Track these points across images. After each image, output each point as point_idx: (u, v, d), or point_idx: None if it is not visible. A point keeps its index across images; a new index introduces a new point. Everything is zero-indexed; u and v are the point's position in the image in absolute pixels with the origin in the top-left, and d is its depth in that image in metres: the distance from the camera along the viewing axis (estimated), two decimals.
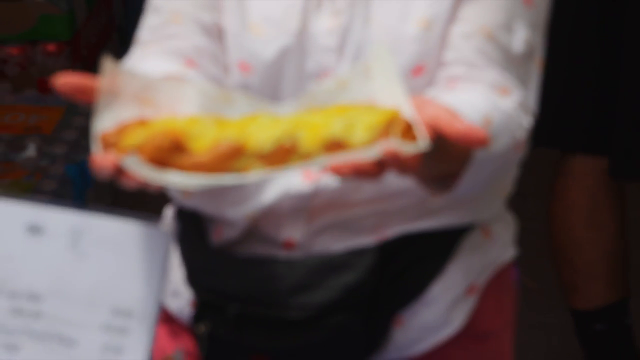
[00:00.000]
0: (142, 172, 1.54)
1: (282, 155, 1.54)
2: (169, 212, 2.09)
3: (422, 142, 1.51)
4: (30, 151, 4.31)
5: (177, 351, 1.95)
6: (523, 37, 1.94)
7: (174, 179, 1.54)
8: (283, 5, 1.93)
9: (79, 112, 4.52)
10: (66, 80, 1.62)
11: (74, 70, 4.69)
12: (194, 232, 2.01)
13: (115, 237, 1.68)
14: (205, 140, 1.56)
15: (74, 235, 1.69)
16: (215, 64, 1.95)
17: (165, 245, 1.67)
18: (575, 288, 3.57)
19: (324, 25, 1.93)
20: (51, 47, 4.72)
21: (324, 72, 1.93)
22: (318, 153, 1.54)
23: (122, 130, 1.57)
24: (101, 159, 1.55)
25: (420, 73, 1.91)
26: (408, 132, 1.53)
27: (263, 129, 1.56)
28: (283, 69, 1.94)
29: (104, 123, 1.59)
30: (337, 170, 1.52)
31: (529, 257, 2.11)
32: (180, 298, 2.06)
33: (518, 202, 2.10)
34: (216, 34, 1.97)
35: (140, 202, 1.75)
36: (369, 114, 1.55)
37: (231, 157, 1.55)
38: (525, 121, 1.90)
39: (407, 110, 1.54)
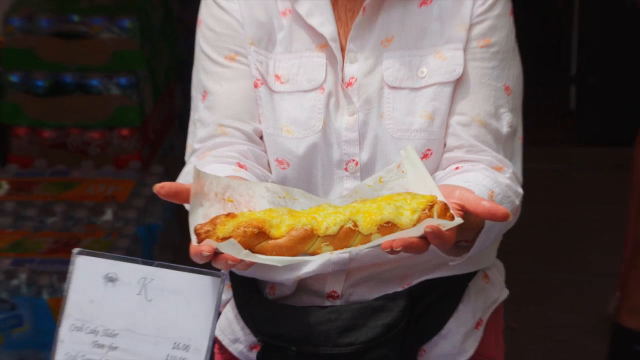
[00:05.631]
0: (238, 254, 1.61)
1: (345, 237, 1.63)
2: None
3: (457, 220, 1.60)
4: (108, 215, 4.31)
5: None
6: (508, 120, 1.96)
7: (263, 260, 1.62)
8: (307, 108, 1.94)
9: (147, 184, 4.52)
10: (166, 187, 1.68)
11: (142, 150, 4.67)
12: (253, 289, 2.02)
13: (176, 285, 1.69)
14: (282, 227, 1.64)
15: (143, 283, 1.70)
16: (259, 163, 1.96)
17: (217, 292, 1.68)
18: (635, 311, 3.46)
19: (344, 121, 1.94)
20: (125, 132, 4.73)
21: (349, 161, 1.94)
22: (374, 233, 1.62)
23: (214, 223, 1.64)
24: (200, 247, 1.62)
25: (429, 157, 1.93)
26: (444, 213, 1.61)
27: (328, 216, 1.65)
28: (313, 161, 1.95)
29: (197, 218, 1.67)
30: (391, 247, 1.59)
31: (512, 302, 2.12)
32: (240, 343, 2.06)
33: (504, 258, 2.10)
34: (256, 138, 1.97)
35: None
36: (411, 200, 1.64)
37: (305, 240, 1.63)
38: (519, 190, 1.94)
39: (441, 195, 1.64)
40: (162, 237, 4.48)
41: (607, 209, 4.55)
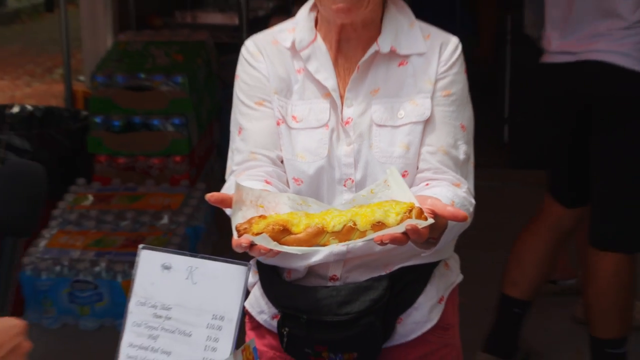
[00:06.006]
0: (268, 245, 1.61)
1: (347, 232, 1.63)
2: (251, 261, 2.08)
3: (430, 220, 1.61)
4: (165, 220, 4.30)
5: (251, 340, 1.91)
6: (463, 150, 1.95)
7: (287, 249, 1.62)
8: (316, 140, 1.93)
9: (193, 197, 4.52)
10: (214, 196, 1.71)
11: (190, 172, 4.66)
12: (274, 273, 2.00)
13: (214, 272, 1.67)
14: (301, 225, 1.64)
15: (190, 270, 1.68)
16: (280, 180, 1.93)
17: (245, 277, 1.65)
18: (515, 284, 3.44)
19: (343, 150, 1.92)
20: (177, 158, 4.73)
21: (347, 180, 1.93)
22: (368, 230, 1.62)
23: (250, 222, 1.64)
24: (239, 240, 1.63)
25: (405, 176, 1.91)
26: (420, 215, 1.61)
27: (334, 217, 1.64)
28: (320, 179, 1.93)
29: (237, 219, 1.67)
30: (381, 240, 1.60)
31: (463, 284, 2.10)
32: (265, 314, 2.04)
33: (458, 252, 2.09)
34: (278, 162, 1.95)
35: (229, 251, 1.76)
36: (395, 206, 1.63)
37: (317, 235, 1.63)
38: (472, 201, 1.93)
39: (417, 203, 1.64)
40: (205, 236, 4.47)
41: (531, 216, 4.52)
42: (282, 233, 1.62)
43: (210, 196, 1.70)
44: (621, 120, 3.10)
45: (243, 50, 2.00)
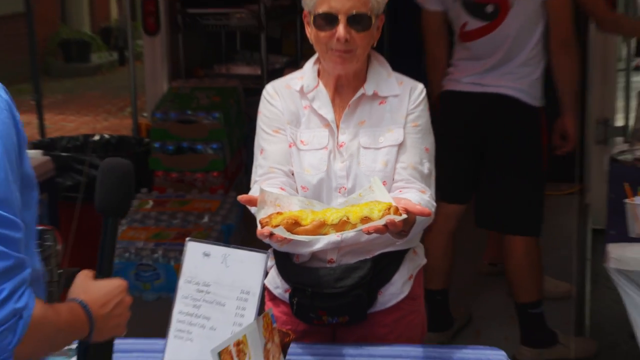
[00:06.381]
0: (284, 234, 1.60)
1: (342, 225, 1.61)
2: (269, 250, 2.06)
3: (404, 215, 1.61)
4: (206, 219, 4.29)
5: (269, 309, 1.90)
6: (427, 167, 1.94)
7: (298, 238, 1.61)
8: (318, 159, 1.92)
9: (227, 202, 4.50)
10: (244, 197, 1.72)
11: (224, 184, 4.59)
12: (287, 258, 1.98)
13: (242, 258, 1.65)
14: (308, 220, 1.62)
15: (224, 257, 1.67)
16: (291, 188, 1.92)
17: (265, 261, 1.64)
18: (431, 279, 3.36)
19: (338, 166, 1.92)
20: (215, 174, 4.72)
21: (341, 188, 1.92)
22: (358, 223, 1.61)
23: (270, 217, 1.63)
24: (262, 230, 1.62)
25: (385, 185, 1.89)
26: (396, 212, 1.61)
27: (333, 213, 1.63)
28: (321, 188, 1.92)
29: (260, 215, 1.66)
30: (368, 231, 1.61)
31: (425, 265, 2.08)
32: (280, 288, 2.02)
33: (422, 242, 2.07)
34: (290, 175, 1.94)
35: (253, 243, 1.76)
36: (378, 205, 1.63)
37: (320, 227, 1.61)
38: (434, 204, 1.92)
39: (394, 202, 1.64)
40: (235, 232, 4.45)
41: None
42: (294, 225, 1.61)
43: (241, 197, 1.71)
44: (514, 138, 3.12)
45: (264, 92, 2.00)
